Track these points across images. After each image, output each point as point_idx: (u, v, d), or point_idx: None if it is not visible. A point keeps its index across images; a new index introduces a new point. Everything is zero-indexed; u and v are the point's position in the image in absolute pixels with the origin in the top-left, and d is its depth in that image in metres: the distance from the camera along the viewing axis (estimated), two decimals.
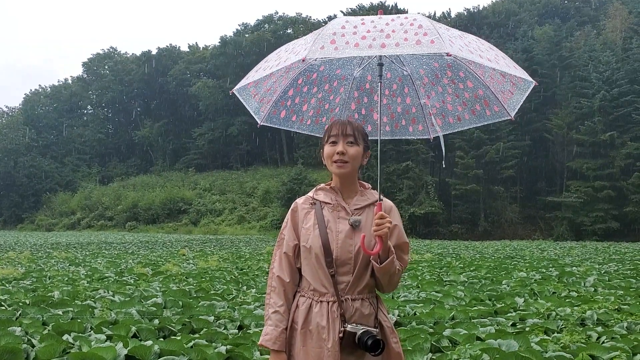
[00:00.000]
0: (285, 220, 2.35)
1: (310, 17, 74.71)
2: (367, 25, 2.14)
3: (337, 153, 2.22)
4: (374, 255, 2.15)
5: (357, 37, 2.07)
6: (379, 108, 2.46)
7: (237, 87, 2.61)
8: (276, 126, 2.74)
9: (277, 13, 77.21)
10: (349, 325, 2.14)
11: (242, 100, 2.67)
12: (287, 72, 2.63)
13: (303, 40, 2.26)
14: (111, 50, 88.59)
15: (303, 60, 2.05)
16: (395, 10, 55.60)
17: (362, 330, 2.13)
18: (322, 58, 2.48)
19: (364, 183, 2.38)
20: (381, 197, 2.25)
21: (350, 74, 2.80)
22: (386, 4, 56.79)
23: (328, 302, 2.18)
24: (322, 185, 2.38)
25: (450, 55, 2.03)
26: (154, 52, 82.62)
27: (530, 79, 2.49)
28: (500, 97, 2.58)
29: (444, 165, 45.41)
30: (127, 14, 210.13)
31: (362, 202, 2.29)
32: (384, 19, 2.18)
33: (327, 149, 2.26)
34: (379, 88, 2.46)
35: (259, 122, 2.71)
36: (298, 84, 2.71)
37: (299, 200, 2.36)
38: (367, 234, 2.19)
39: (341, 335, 2.13)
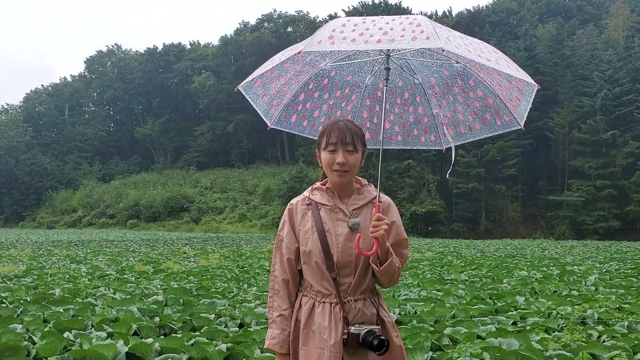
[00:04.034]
0: (282, 221, 2.31)
1: (308, 12, 74.66)
2: (367, 24, 2.17)
3: (337, 163, 2.17)
4: (369, 255, 2.14)
5: (355, 33, 2.11)
6: (382, 112, 2.46)
7: (243, 83, 2.60)
8: (287, 130, 2.75)
9: (276, 11, 77.17)
10: (352, 327, 2.14)
11: (249, 99, 2.65)
12: (297, 75, 2.62)
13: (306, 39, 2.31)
14: (114, 47, 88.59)
15: (299, 53, 2.08)
16: (397, 8, 55.47)
17: (365, 331, 2.13)
18: (320, 52, 2.49)
19: (360, 179, 2.34)
20: (380, 199, 2.23)
21: (362, 81, 2.79)
22: (388, 2, 56.67)
23: (331, 304, 2.18)
24: (318, 184, 2.33)
25: (444, 51, 2.04)
26: (156, 49, 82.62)
27: (532, 81, 2.49)
28: (510, 105, 2.58)
29: (447, 176, 45.49)
30: (127, 11, 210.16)
31: (360, 202, 2.26)
32: (385, 18, 2.20)
33: (326, 156, 2.20)
34: (384, 92, 2.47)
35: (269, 124, 2.71)
36: (309, 88, 2.71)
37: (295, 201, 2.32)
38: (366, 234, 2.18)
39: (345, 337, 2.13)
